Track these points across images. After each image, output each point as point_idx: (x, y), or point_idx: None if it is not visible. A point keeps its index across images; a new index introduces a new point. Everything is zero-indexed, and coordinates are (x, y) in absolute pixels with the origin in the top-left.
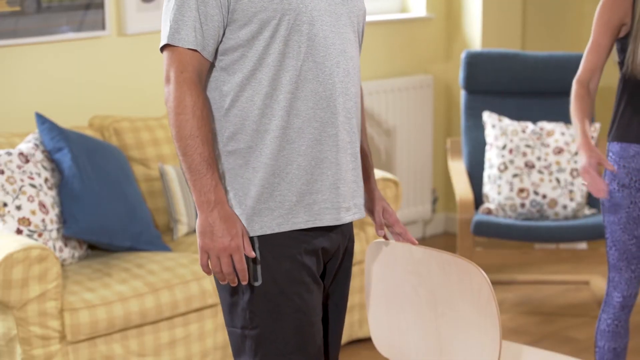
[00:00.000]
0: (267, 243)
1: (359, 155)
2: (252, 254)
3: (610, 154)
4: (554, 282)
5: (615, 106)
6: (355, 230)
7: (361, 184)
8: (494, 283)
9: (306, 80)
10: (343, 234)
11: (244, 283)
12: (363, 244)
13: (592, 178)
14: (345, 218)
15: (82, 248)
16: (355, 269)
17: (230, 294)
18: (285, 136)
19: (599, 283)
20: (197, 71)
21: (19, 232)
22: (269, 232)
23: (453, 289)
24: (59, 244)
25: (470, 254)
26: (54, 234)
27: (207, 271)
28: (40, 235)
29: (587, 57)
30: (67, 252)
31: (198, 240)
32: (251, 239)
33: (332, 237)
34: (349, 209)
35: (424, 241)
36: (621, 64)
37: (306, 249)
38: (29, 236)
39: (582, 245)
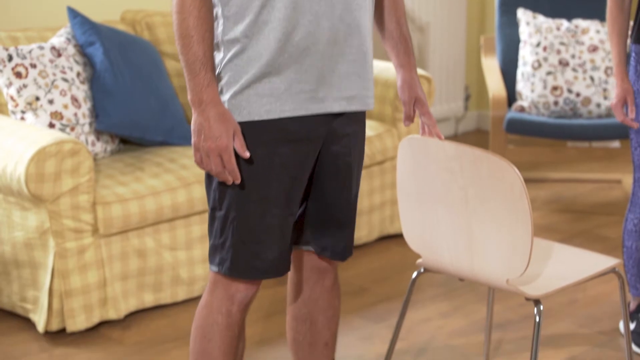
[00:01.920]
0: (251, 129)
1: (366, 48)
2: (245, 154)
3: (634, 54)
4: (587, 180)
5: (637, 7)
6: (387, 126)
7: (366, 76)
8: (526, 181)
9: None
10: (337, 124)
11: (237, 182)
12: (395, 140)
13: (620, 115)
14: (332, 108)
15: (115, 142)
16: (387, 165)
17: (207, 175)
18: (282, 28)
19: (631, 181)
20: None
21: (51, 126)
22: (256, 118)
23: (485, 186)
24: (91, 138)
25: (502, 152)
26: (86, 128)
27: (202, 168)
28: (72, 129)
29: None
30: (99, 146)
31: (192, 138)
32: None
33: (320, 126)
34: (337, 99)
35: (456, 138)
36: None
37: (289, 137)
38: (62, 130)
39: (615, 144)
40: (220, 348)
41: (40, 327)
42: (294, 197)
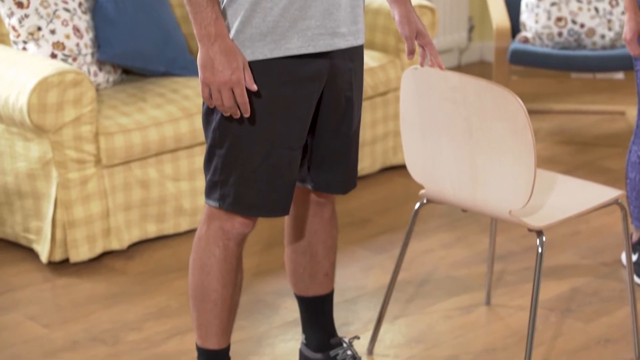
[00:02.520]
0: (255, 70)
1: None
2: (254, 87)
3: None
4: (590, 111)
5: None
6: (390, 57)
7: (360, 11)
8: (530, 112)
9: None
10: (340, 60)
11: (246, 116)
12: (398, 71)
13: (635, 49)
14: (340, 44)
15: (117, 73)
16: (390, 96)
17: (206, 113)
18: None
19: (634, 113)
20: None
21: (53, 56)
22: (260, 57)
23: (488, 117)
24: (94, 68)
25: (506, 83)
26: (88, 58)
27: (210, 103)
28: (74, 59)
29: None
30: (101, 77)
31: (199, 74)
32: None
33: (324, 64)
34: (344, 35)
35: (459, 70)
36: None
37: (294, 77)
38: (64, 60)
39: (619, 76)
40: (218, 280)
41: (44, 258)
42: (298, 136)
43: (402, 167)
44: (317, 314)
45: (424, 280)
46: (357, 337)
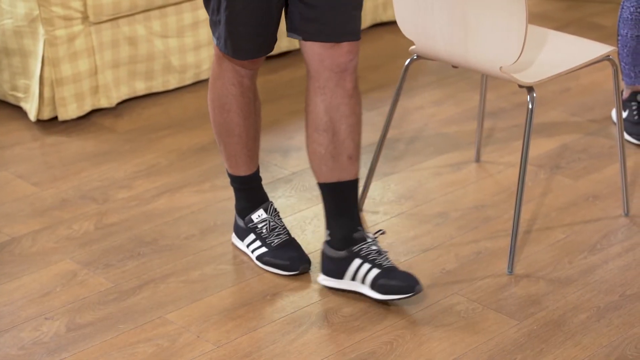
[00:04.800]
0: None
1: None
2: None
3: None
4: None
5: None
6: None
7: None
8: None
9: None
10: None
11: None
12: None
13: None
14: None
15: None
16: None
17: None
18: None
19: None
20: None
21: None
22: None
23: None
24: None
25: None
26: None
27: None
28: None
29: None
30: None
31: None
32: None
33: None
34: None
35: None
36: None
37: None
38: None
39: None
40: (239, 115)
41: (32, 116)
42: None
43: (392, 24)
44: (340, 203)
45: (413, 137)
46: (383, 232)
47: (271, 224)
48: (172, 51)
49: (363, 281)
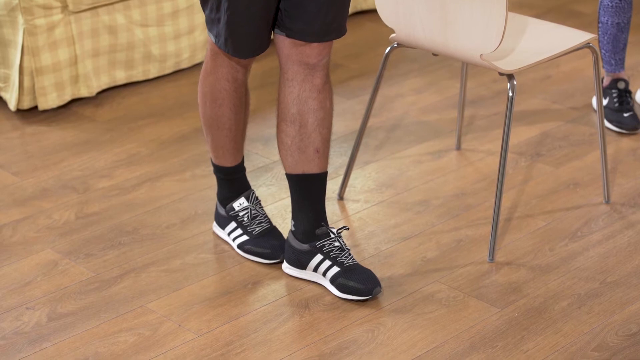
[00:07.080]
0: None
1: None
2: None
3: None
4: None
5: None
6: None
7: None
8: None
9: None
10: None
11: None
12: None
13: None
14: None
15: None
16: None
17: None
18: None
19: None
20: None
21: None
22: None
23: None
24: None
25: None
26: None
27: None
28: None
29: None
30: None
31: None
32: None
33: None
34: None
35: None
36: None
37: None
38: None
39: None
40: (231, 110)
41: (12, 106)
42: None
43: (372, 12)
44: (305, 195)
45: (394, 125)
46: (346, 228)
47: (252, 212)
48: (152, 40)
49: (324, 275)
